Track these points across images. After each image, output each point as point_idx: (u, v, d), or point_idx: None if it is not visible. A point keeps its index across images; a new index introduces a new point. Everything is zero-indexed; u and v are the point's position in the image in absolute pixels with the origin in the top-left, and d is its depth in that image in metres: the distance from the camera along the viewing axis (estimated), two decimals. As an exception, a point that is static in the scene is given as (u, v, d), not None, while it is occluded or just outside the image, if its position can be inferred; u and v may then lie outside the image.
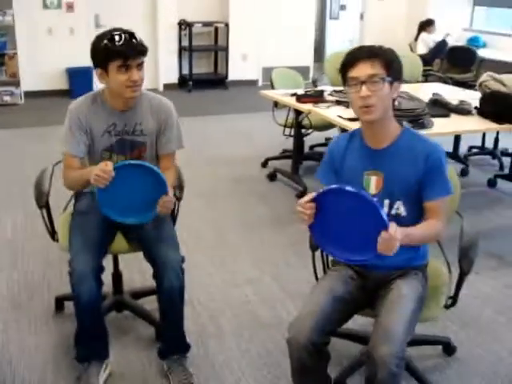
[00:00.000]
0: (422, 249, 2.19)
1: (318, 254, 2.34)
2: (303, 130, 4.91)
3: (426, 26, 8.60)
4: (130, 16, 8.18)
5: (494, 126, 4.05)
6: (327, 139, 5.64)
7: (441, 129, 3.87)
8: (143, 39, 2.36)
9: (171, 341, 2.50)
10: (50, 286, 3.12)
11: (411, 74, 6.59)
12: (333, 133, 4.76)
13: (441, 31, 8.61)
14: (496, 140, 5.58)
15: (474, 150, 5.77)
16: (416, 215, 2.11)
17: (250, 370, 2.53)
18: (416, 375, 2.42)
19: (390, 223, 1.81)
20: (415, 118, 3.69)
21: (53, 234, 2.64)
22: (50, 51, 7.79)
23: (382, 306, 2.02)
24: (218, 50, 9.09)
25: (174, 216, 2.68)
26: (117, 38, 2.23)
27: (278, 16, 9.15)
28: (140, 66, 2.30)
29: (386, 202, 2.09)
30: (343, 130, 4.07)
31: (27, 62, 7.60)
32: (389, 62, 1.99)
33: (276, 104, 5.00)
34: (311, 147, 5.67)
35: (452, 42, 8.61)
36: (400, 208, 2.09)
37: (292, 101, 4.52)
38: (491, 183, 4.96)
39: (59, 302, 2.92)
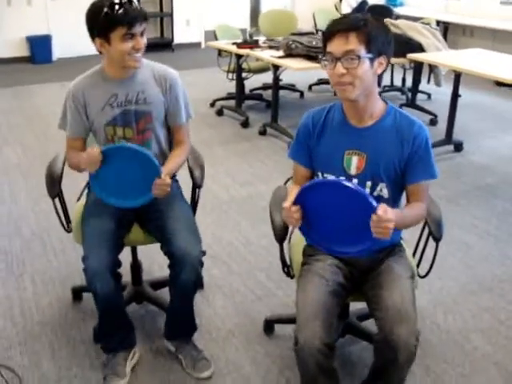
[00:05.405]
0: None
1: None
2: (244, 75, 5.92)
3: (348, -12, 9.67)
4: (81, -14, 8.87)
5: (392, 59, 5.17)
6: (265, 84, 6.69)
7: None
8: None
9: (179, 325, 2.43)
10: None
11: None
12: (269, 76, 5.71)
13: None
14: (403, 79, 6.78)
15: (386, 88, 6.94)
16: (398, 197, 2.02)
17: (213, 225, 3.59)
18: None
19: (380, 205, 1.69)
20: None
21: (67, 224, 2.51)
22: (10, 21, 8.40)
23: (379, 288, 1.92)
24: (164, 16, 9.79)
25: (194, 204, 2.57)
26: (117, 6, 2.07)
27: (216, -17, 9.91)
28: (143, 32, 2.15)
29: (369, 183, 1.95)
30: (275, 67, 5.11)
31: (-11, 32, 8.22)
32: (369, 36, 1.76)
33: (220, 53, 5.99)
34: (251, 90, 6.69)
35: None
36: (383, 190, 1.95)
37: (233, 48, 5.53)
38: (397, 111, 6.09)
39: (76, 293, 2.81)
